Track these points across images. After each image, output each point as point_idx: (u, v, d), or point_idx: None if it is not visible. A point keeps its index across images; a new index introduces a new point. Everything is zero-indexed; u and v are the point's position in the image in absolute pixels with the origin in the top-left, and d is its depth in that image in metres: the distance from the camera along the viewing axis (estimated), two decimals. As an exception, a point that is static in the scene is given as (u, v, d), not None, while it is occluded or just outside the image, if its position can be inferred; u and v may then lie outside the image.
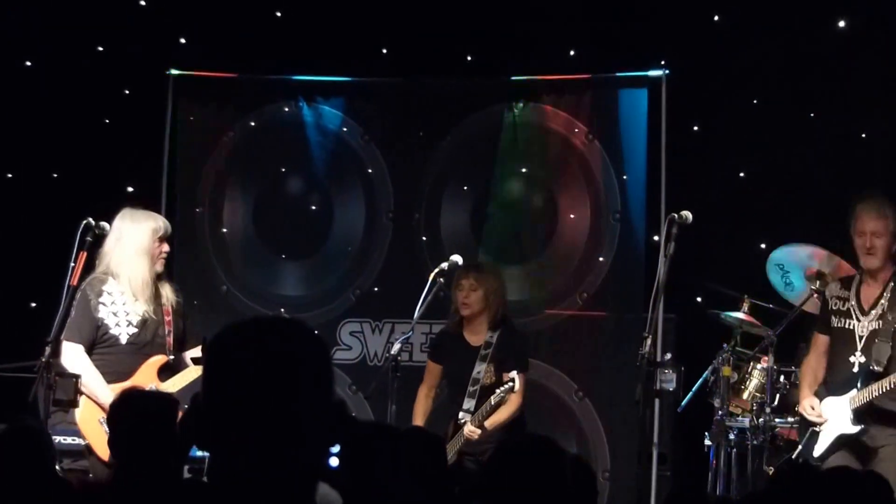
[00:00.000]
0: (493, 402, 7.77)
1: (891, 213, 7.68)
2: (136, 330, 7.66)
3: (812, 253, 8.68)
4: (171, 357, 7.47)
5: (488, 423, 7.85)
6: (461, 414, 7.99)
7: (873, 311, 7.78)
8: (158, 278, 7.89)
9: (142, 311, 7.74)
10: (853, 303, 7.91)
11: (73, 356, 7.65)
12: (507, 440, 5.57)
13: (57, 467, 6.03)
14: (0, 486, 4.65)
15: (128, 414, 5.28)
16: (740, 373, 8.73)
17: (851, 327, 7.80)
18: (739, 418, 8.59)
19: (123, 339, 7.68)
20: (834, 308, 7.87)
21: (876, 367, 7.60)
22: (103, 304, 7.77)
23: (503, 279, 8.47)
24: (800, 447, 7.81)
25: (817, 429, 7.66)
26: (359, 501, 4.12)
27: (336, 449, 4.14)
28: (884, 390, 7.50)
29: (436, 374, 8.28)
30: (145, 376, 7.09)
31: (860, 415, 7.57)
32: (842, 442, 7.60)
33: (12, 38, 10.03)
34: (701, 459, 8.72)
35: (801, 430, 7.91)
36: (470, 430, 7.82)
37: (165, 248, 7.89)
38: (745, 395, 8.71)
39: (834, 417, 7.69)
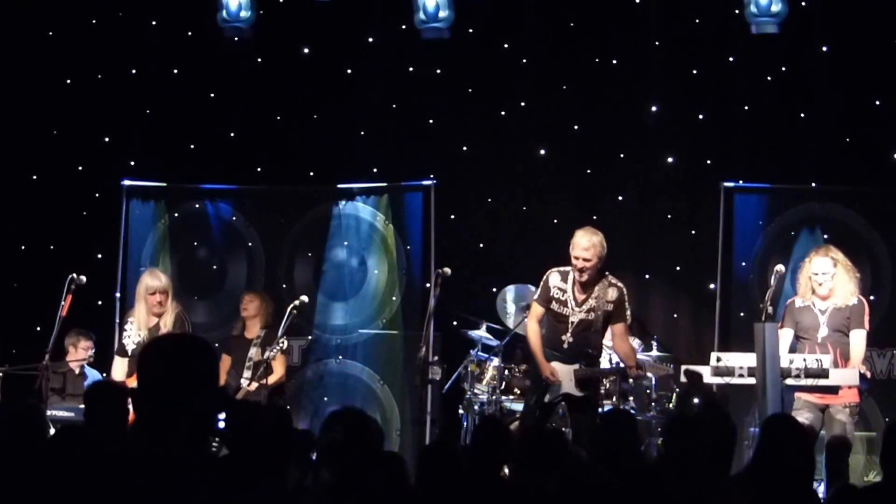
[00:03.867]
0: (256, 363, 9.72)
1: (597, 242, 8.74)
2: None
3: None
4: None
5: (264, 382, 9.67)
6: (242, 381, 9.86)
7: (584, 306, 8.83)
8: (159, 315, 9.53)
9: (145, 336, 9.43)
10: (570, 295, 8.85)
11: (117, 363, 9.72)
12: (335, 412, 5.55)
13: (52, 430, 6.77)
14: (6, 442, 5.06)
15: (91, 395, 6.41)
16: (481, 368, 10.34)
17: (566, 313, 8.83)
18: (480, 396, 10.21)
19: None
20: (554, 296, 8.84)
21: (590, 351, 8.81)
22: (127, 333, 9.71)
23: (271, 301, 10.30)
24: (535, 396, 8.92)
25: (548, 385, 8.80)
26: (236, 446, 4.89)
27: (222, 415, 4.85)
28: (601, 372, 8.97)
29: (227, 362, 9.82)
30: None
31: (582, 384, 8.84)
32: (566, 398, 8.79)
33: (25, 157, 12.28)
34: (457, 422, 10.39)
35: (534, 386, 9.00)
36: (245, 388, 9.73)
37: (156, 298, 9.49)
38: (484, 382, 10.29)
39: (562, 379, 8.84)
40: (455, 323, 11.14)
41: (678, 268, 11.80)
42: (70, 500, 3.41)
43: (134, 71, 12.31)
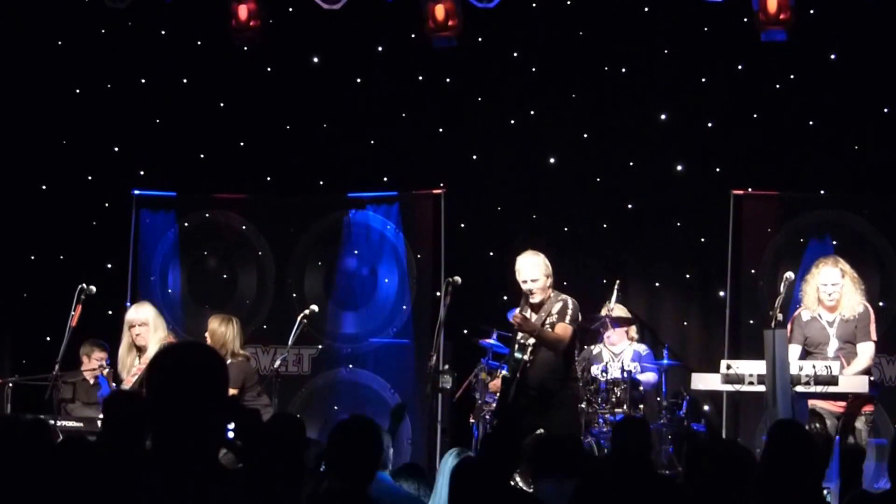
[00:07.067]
0: None
1: (540, 262, 8.90)
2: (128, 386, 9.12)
3: None
4: None
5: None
6: None
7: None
8: (139, 350, 9.27)
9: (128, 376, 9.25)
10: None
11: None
12: (342, 421, 5.48)
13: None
14: (12, 455, 4.86)
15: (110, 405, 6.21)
16: (492, 377, 10.25)
17: (523, 339, 8.96)
18: (491, 405, 9.94)
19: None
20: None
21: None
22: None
23: (231, 326, 9.51)
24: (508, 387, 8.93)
25: None
26: (245, 458, 4.31)
27: (231, 425, 4.37)
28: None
29: None
30: None
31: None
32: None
33: (34, 167, 12.39)
34: (468, 431, 10.42)
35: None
36: None
37: (135, 331, 9.26)
38: (494, 391, 9.85)
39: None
40: (465, 331, 11.25)
41: (688, 276, 11.86)
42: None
43: (143, 80, 12.43)
